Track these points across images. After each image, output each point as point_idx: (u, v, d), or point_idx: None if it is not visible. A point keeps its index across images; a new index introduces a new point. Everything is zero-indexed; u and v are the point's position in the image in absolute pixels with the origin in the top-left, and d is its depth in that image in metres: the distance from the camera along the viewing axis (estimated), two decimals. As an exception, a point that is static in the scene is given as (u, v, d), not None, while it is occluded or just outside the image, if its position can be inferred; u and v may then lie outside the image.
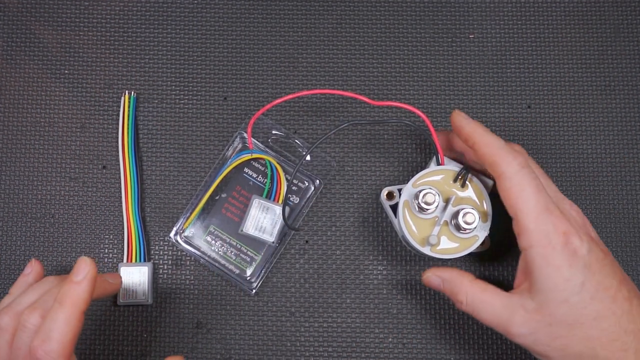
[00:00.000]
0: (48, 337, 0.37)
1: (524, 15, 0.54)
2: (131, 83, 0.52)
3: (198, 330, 0.49)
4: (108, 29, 0.53)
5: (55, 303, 0.38)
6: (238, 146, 0.51)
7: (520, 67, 0.53)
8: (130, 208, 0.49)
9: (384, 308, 0.50)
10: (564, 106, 0.53)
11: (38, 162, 0.51)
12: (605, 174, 0.52)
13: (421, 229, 0.44)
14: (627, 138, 0.52)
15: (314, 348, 0.49)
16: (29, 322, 0.38)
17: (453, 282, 0.42)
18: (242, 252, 0.49)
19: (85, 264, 0.39)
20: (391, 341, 0.49)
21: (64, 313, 0.38)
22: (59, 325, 0.37)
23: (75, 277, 0.39)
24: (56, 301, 0.38)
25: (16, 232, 0.50)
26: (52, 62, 0.53)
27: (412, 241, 0.44)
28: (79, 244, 0.50)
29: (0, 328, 0.39)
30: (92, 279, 0.39)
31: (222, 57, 0.53)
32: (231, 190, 0.50)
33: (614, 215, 0.51)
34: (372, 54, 0.53)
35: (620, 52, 0.54)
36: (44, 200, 0.51)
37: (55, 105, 0.52)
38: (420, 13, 0.54)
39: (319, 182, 0.50)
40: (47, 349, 0.37)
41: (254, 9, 0.54)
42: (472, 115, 0.52)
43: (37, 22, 0.53)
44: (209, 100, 0.52)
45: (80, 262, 0.40)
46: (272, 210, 0.48)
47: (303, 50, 0.53)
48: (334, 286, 0.50)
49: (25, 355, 0.38)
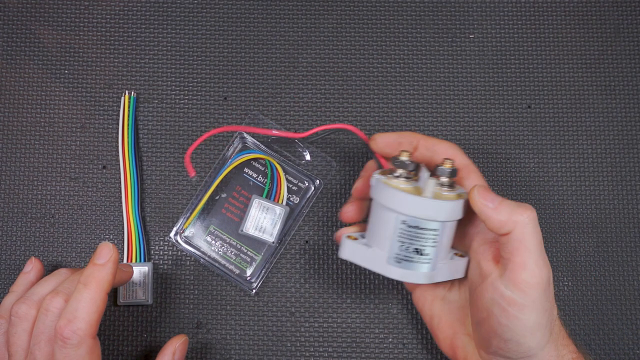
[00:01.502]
0: (74, 317, 0.38)
1: (524, 15, 0.54)
2: (131, 83, 0.52)
3: (198, 330, 0.49)
4: (108, 29, 0.53)
5: (80, 284, 0.39)
6: (238, 146, 0.51)
7: (520, 67, 0.53)
8: (130, 208, 0.49)
9: (384, 308, 0.50)
10: (564, 106, 0.53)
11: (38, 162, 0.51)
12: (605, 174, 0.52)
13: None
14: (627, 138, 0.52)
15: (314, 348, 0.49)
16: (52, 305, 0.39)
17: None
18: (242, 252, 0.49)
19: (108, 248, 0.40)
20: (391, 341, 0.49)
21: (89, 293, 0.38)
22: (84, 305, 0.38)
23: (98, 259, 0.40)
24: (80, 282, 0.39)
25: (16, 232, 0.50)
26: (52, 62, 0.53)
27: (407, 196, 0.39)
28: (79, 244, 0.50)
29: (19, 316, 0.40)
30: (115, 261, 0.40)
31: (222, 57, 0.53)
32: (231, 190, 0.50)
33: (614, 215, 0.51)
34: (372, 54, 0.53)
35: (621, 52, 0.54)
36: (44, 200, 0.51)
37: (55, 105, 0.52)
38: (420, 13, 0.54)
39: (319, 182, 0.50)
40: (74, 328, 0.37)
41: (254, 9, 0.54)
42: (472, 115, 0.52)
43: (37, 22, 0.53)
44: (209, 100, 0.52)
45: (103, 247, 0.40)
46: (272, 210, 0.48)
47: (303, 50, 0.53)
48: (334, 286, 0.50)
49: (48, 339, 0.39)
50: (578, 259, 0.51)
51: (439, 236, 0.39)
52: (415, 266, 0.39)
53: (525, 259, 0.38)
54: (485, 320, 0.40)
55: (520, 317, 0.38)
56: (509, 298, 0.38)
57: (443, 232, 0.39)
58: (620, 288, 0.50)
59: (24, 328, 0.40)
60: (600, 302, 0.50)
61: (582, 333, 0.50)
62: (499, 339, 0.39)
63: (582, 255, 0.51)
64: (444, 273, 0.41)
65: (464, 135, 0.52)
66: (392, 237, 0.39)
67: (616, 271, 0.50)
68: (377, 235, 0.40)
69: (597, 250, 0.51)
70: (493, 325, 0.39)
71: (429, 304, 0.45)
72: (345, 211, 0.45)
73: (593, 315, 0.50)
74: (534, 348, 0.39)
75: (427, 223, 0.39)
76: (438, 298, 0.45)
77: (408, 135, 0.43)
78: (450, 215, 0.39)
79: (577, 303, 0.50)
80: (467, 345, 0.43)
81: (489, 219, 0.39)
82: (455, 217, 0.40)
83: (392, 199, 0.39)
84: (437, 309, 0.45)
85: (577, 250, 0.51)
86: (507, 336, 0.39)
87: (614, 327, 0.50)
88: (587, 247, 0.51)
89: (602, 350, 0.50)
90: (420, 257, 0.39)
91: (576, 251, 0.51)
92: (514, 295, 0.38)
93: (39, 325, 0.39)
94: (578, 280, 0.50)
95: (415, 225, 0.39)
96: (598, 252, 0.51)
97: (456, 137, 0.52)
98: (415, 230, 0.39)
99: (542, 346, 0.39)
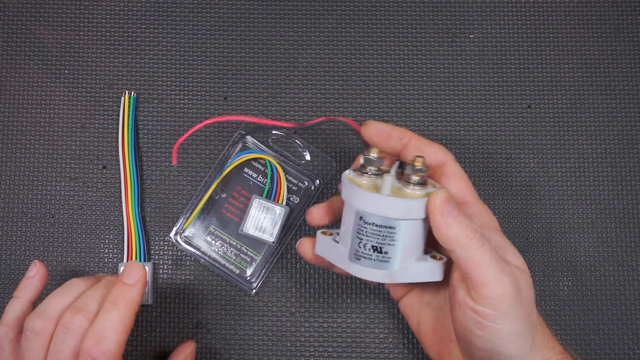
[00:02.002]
0: (103, 337, 0.37)
1: (524, 15, 0.54)
2: (131, 83, 0.52)
3: (198, 330, 0.49)
4: (108, 29, 0.53)
5: (108, 303, 0.38)
6: (238, 146, 0.51)
7: (520, 67, 0.53)
8: (130, 208, 0.49)
9: (384, 308, 0.50)
10: (564, 106, 0.53)
11: (38, 162, 0.51)
12: (605, 174, 0.52)
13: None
14: (627, 138, 0.52)
15: (314, 348, 0.49)
16: (73, 324, 0.38)
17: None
18: (242, 252, 0.49)
19: (138, 268, 0.40)
20: (391, 341, 0.49)
21: (118, 313, 0.38)
22: (113, 325, 0.37)
23: (128, 279, 0.39)
24: (109, 301, 0.38)
25: (16, 232, 0.50)
26: (52, 62, 0.53)
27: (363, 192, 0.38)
28: (79, 244, 0.50)
29: (35, 332, 0.38)
30: (144, 282, 0.40)
31: (222, 57, 0.53)
32: (231, 190, 0.50)
33: (614, 215, 0.51)
34: (372, 54, 0.53)
35: (621, 52, 0.54)
36: (44, 200, 0.51)
37: (55, 105, 0.52)
38: (420, 13, 0.54)
39: (319, 182, 0.50)
40: (103, 349, 0.36)
41: (254, 9, 0.54)
42: (472, 115, 0.52)
43: (37, 22, 0.53)
44: (209, 100, 0.52)
45: (132, 266, 0.40)
46: (272, 210, 0.48)
47: (303, 50, 0.53)
48: (334, 286, 0.50)
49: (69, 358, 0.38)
50: (578, 259, 0.51)
51: (398, 235, 0.38)
52: (375, 264, 0.38)
53: (483, 276, 0.36)
54: (462, 333, 0.39)
55: (494, 326, 0.37)
56: (480, 311, 0.37)
57: (405, 231, 0.38)
58: (620, 288, 0.50)
59: (40, 344, 0.38)
60: (600, 302, 0.50)
61: (582, 333, 0.50)
62: (479, 350, 0.39)
63: (582, 255, 0.51)
64: (408, 274, 0.39)
65: (464, 135, 0.52)
66: (353, 233, 0.39)
67: (616, 271, 0.50)
68: (343, 232, 0.40)
69: (597, 250, 0.51)
70: (471, 338, 0.38)
71: (416, 310, 0.44)
72: (311, 212, 0.43)
73: (593, 315, 0.50)
74: (515, 356, 0.38)
75: (384, 220, 0.38)
76: (425, 304, 0.44)
77: (400, 131, 0.42)
78: (407, 214, 0.38)
79: (577, 303, 0.50)
80: (453, 352, 0.42)
81: (437, 230, 0.37)
82: (414, 216, 0.38)
83: (351, 194, 0.39)
84: (424, 315, 0.44)
85: (577, 250, 0.51)
86: (486, 346, 0.38)
87: (614, 327, 0.50)
88: (587, 247, 0.51)
89: (602, 350, 0.50)
90: (379, 255, 0.38)
91: (576, 251, 0.51)
92: (484, 308, 0.37)
93: (57, 343, 0.38)
94: (578, 280, 0.50)
95: (372, 222, 0.38)
96: (598, 252, 0.51)
97: (456, 137, 0.52)
98: (372, 227, 0.38)
99: (525, 352, 0.39)
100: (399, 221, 0.38)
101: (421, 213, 0.38)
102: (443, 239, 0.37)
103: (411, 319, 0.45)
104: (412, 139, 0.42)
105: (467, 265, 0.37)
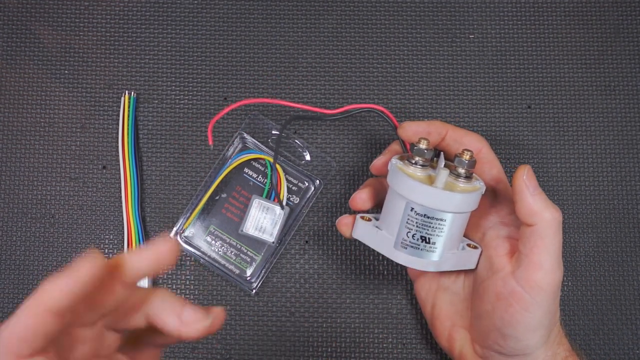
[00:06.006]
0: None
1: (524, 15, 0.54)
2: (131, 83, 0.52)
3: (198, 330, 0.49)
4: (108, 29, 0.53)
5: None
6: (238, 146, 0.51)
7: (520, 67, 0.53)
8: (130, 208, 0.49)
9: (384, 308, 0.50)
10: (564, 106, 0.53)
11: (38, 162, 0.51)
12: (605, 174, 0.52)
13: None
14: (627, 138, 0.52)
15: (313, 348, 0.49)
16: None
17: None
18: (242, 252, 0.49)
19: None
20: (391, 341, 0.49)
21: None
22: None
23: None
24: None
25: (16, 232, 0.50)
26: (52, 62, 0.53)
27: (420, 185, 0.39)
28: (79, 244, 0.50)
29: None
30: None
31: (222, 57, 0.53)
32: (231, 190, 0.50)
33: (614, 215, 0.51)
34: (372, 54, 0.53)
35: (621, 52, 0.54)
36: (44, 200, 0.51)
37: (55, 105, 0.52)
38: (420, 13, 0.54)
39: (319, 182, 0.50)
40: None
41: (254, 9, 0.54)
42: (472, 115, 0.52)
43: (37, 22, 0.53)
44: (209, 101, 0.52)
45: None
46: (272, 210, 0.48)
47: (303, 51, 0.53)
48: (333, 286, 0.50)
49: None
50: (578, 259, 0.51)
51: (447, 226, 0.39)
52: (421, 253, 0.40)
53: (543, 259, 0.38)
54: (487, 314, 0.39)
55: (525, 314, 0.38)
56: (519, 295, 0.38)
57: (452, 223, 0.39)
58: (620, 288, 0.50)
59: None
60: (600, 302, 0.50)
61: (582, 333, 0.50)
62: (498, 334, 0.39)
63: (582, 255, 0.51)
64: (451, 262, 0.41)
65: (464, 135, 0.52)
66: (401, 223, 0.40)
67: (616, 271, 0.50)
68: (388, 220, 0.41)
69: (597, 250, 0.51)
70: (495, 320, 0.39)
71: (432, 293, 0.45)
72: (354, 198, 0.44)
73: (593, 315, 0.50)
74: (531, 347, 0.39)
75: (435, 213, 0.39)
76: (442, 288, 0.45)
77: (437, 125, 0.43)
78: (459, 207, 0.39)
79: (577, 303, 0.50)
80: (463, 338, 0.43)
81: (523, 202, 0.38)
82: (465, 210, 0.40)
83: (404, 185, 0.39)
84: (440, 299, 0.45)
85: (577, 250, 0.51)
86: (508, 332, 0.39)
87: (614, 327, 0.50)
88: (587, 247, 0.51)
89: (602, 350, 0.50)
90: (426, 245, 0.40)
91: (576, 251, 0.51)
92: (524, 292, 0.38)
93: None
94: (578, 280, 0.50)
95: (423, 214, 0.39)
96: (598, 252, 0.51)
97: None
98: (423, 218, 0.39)
99: (540, 345, 0.40)
100: (449, 214, 0.39)
101: (471, 206, 0.40)
102: (525, 212, 0.38)
103: (426, 301, 0.45)
104: (449, 130, 0.43)
105: (534, 243, 0.38)
